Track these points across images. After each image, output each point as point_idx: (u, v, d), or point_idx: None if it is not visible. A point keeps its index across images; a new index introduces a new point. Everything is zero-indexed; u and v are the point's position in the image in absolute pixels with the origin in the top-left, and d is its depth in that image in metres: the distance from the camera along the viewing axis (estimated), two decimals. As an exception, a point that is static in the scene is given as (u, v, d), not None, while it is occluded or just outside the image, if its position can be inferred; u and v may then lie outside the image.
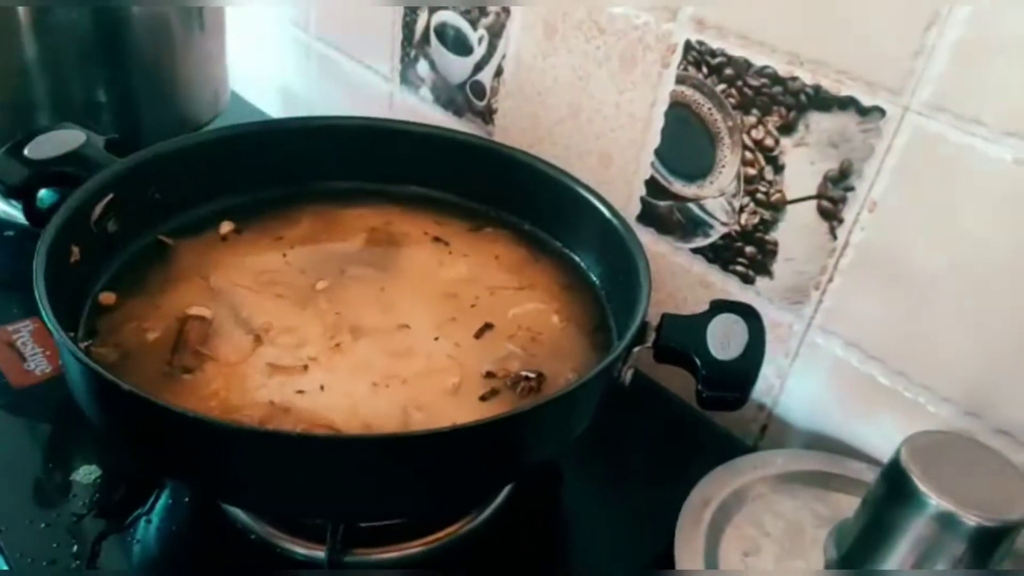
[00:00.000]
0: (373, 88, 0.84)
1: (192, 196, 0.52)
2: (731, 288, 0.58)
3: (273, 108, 0.97)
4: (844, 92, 0.48)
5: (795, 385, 0.57)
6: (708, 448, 0.57)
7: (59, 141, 0.47)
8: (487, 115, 0.73)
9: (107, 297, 0.45)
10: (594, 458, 0.53)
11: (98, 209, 0.44)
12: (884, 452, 0.53)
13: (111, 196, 0.45)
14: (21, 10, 0.59)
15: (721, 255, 0.58)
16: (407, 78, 0.80)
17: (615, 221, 0.49)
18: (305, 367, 0.41)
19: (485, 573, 0.45)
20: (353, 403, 0.40)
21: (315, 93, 0.93)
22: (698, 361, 0.39)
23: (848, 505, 0.49)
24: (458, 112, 0.76)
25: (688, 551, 0.45)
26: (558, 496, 0.51)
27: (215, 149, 0.52)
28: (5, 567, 0.41)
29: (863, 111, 0.48)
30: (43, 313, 0.35)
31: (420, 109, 0.79)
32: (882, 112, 0.47)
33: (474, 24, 0.70)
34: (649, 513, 0.50)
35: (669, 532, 0.46)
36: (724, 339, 0.39)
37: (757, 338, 0.39)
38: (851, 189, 0.49)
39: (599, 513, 0.51)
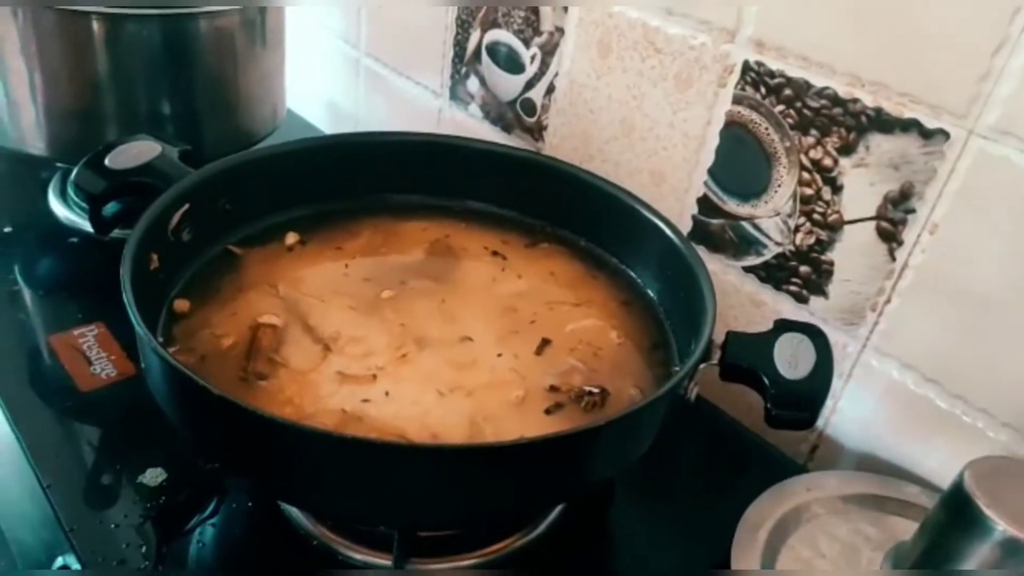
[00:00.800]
0: (422, 103, 0.85)
1: (259, 207, 0.53)
2: (783, 307, 0.58)
3: (322, 122, 0.99)
4: (907, 114, 0.48)
5: (848, 406, 0.57)
6: (758, 468, 0.57)
7: (136, 152, 0.49)
8: (536, 132, 0.74)
9: (181, 304, 0.46)
10: (644, 476, 0.53)
11: (175, 218, 0.46)
12: (938, 476, 0.53)
13: (187, 206, 0.46)
14: (95, 24, 0.61)
15: (774, 274, 0.58)
16: (456, 94, 0.81)
17: (676, 239, 0.49)
18: (374, 376, 0.42)
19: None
20: (421, 413, 0.41)
21: (363, 108, 0.95)
22: (766, 380, 0.39)
23: (903, 528, 0.48)
24: (507, 128, 0.77)
25: (745, 570, 0.45)
26: (609, 514, 0.51)
27: (282, 162, 0.53)
28: (78, 566, 0.42)
29: (926, 134, 0.48)
30: (133, 318, 0.36)
31: (469, 125, 0.80)
32: (946, 135, 0.47)
33: (527, 43, 0.72)
34: (700, 532, 0.50)
35: (720, 551, 0.46)
36: (792, 358, 0.39)
37: (825, 358, 0.39)
38: (912, 211, 0.50)
39: (649, 532, 0.51)
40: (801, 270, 0.56)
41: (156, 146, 0.50)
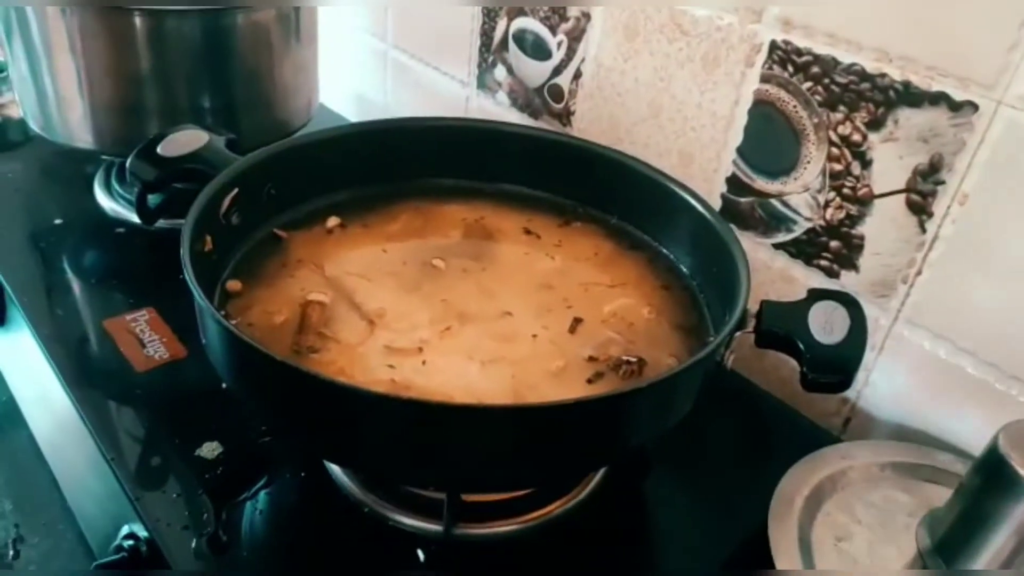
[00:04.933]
0: (450, 93, 0.87)
1: (302, 192, 0.55)
2: (814, 282, 0.59)
3: (351, 114, 1.01)
4: (935, 87, 0.49)
5: (880, 378, 0.58)
6: (792, 439, 0.58)
7: (185, 141, 0.51)
8: (564, 117, 0.75)
9: (234, 284, 0.48)
10: (681, 447, 0.54)
11: (226, 202, 0.48)
12: (971, 444, 0.53)
13: (236, 191, 0.48)
14: (137, 21, 0.63)
15: (804, 250, 0.59)
16: (484, 83, 0.82)
17: (706, 213, 0.51)
18: (419, 349, 0.44)
19: (577, 551, 0.47)
20: (467, 383, 0.42)
21: (392, 99, 0.97)
22: (801, 345, 0.40)
23: (938, 495, 0.49)
24: (535, 114, 0.78)
25: (782, 535, 0.46)
26: (647, 484, 0.53)
27: (323, 148, 0.55)
28: (145, 533, 0.45)
29: (954, 106, 0.48)
30: (195, 293, 0.38)
31: (496, 112, 0.82)
32: (975, 107, 0.48)
33: (554, 30, 0.73)
34: (735, 500, 0.52)
35: (756, 521, 0.47)
36: (827, 325, 0.40)
37: (859, 323, 0.41)
38: (941, 183, 0.50)
39: (687, 501, 0.53)
40: (831, 245, 0.57)
41: (203, 135, 0.52)
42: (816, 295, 0.43)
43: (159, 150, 0.50)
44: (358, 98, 1.02)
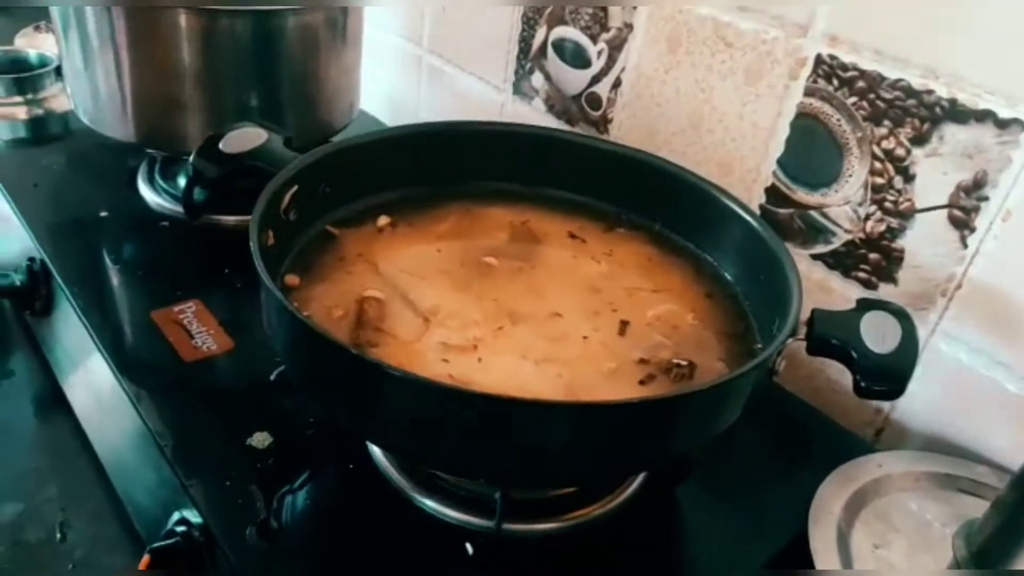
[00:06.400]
0: (484, 98, 0.88)
1: (354, 191, 0.56)
2: (852, 294, 0.60)
3: (385, 117, 1.02)
4: (982, 105, 0.50)
5: (915, 389, 0.58)
6: (825, 448, 0.59)
7: (244, 139, 0.52)
8: (601, 125, 0.76)
9: (292, 279, 0.49)
10: (716, 454, 0.55)
11: (286, 198, 0.49)
12: (1006, 457, 0.54)
13: (296, 188, 0.50)
14: (189, 19, 0.65)
15: (843, 262, 0.60)
16: (520, 89, 0.84)
17: (755, 223, 0.52)
18: (474, 347, 0.45)
19: (613, 553, 0.48)
20: (522, 381, 0.43)
21: (425, 103, 0.98)
22: (854, 354, 0.41)
23: (974, 506, 0.50)
24: (571, 122, 0.79)
25: (822, 540, 0.47)
26: (683, 489, 0.53)
27: (377, 148, 0.56)
28: (199, 519, 0.46)
29: (1001, 123, 0.49)
30: (268, 284, 0.39)
31: (532, 118, 0.83)
32: (1022, 124, 0.48)
33: (594, 39, 0.74)
34: (771, 508, 0.52)
35: (791, 528, 0.48)
36: (879, 334, 0.41)
37: (911, 334, 0.41)
38: (985, 199, 0.51)
39: (722, 508, 0.53)
40: (871, 257, 0.58)
41: (262, 133, 0.53)
42: (866, 305, 0.44)
43: (221, 146, 0.51)
44: (392, 101, 1.03)
